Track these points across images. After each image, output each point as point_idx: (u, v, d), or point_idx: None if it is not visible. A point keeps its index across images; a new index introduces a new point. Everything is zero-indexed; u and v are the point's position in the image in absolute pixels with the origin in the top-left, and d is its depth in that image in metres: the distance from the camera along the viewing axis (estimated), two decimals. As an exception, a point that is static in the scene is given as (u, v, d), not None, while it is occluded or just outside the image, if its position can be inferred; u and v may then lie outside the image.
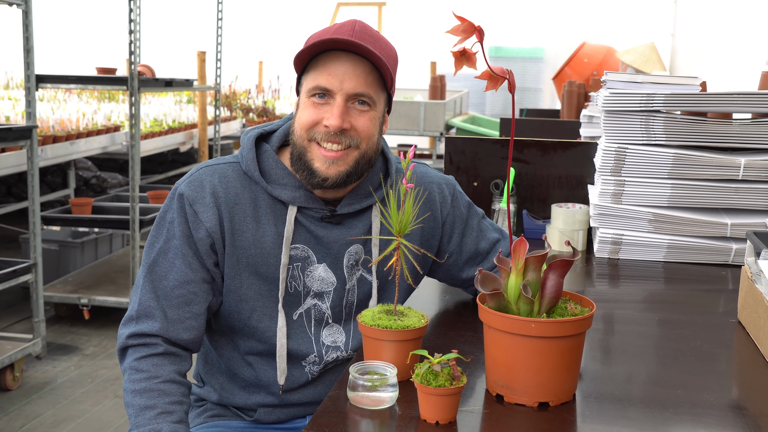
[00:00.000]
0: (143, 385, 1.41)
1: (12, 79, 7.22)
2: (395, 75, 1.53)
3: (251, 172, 1.52)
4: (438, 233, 1.66)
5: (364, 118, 1.48)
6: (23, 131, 3.53)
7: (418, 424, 1.17)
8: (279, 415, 1.61)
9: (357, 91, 1.46)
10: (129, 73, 4.12)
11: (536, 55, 8.22)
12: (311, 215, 1.54)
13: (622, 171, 2.20)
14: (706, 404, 1.26)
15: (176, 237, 1.49)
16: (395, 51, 1.54)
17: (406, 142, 7.75)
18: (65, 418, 3.23)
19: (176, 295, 1.47)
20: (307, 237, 1.54)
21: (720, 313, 1.77)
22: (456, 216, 1.68)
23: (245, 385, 1.60)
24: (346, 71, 1.45)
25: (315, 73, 1.47)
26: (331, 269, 1.56)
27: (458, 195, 1.70)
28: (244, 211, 1.51)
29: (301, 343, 1.56)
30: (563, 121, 4.17)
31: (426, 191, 1.64)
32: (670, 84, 2.20)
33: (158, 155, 6.69)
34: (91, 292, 4.33)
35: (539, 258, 1.23)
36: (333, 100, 1.46)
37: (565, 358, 1.22)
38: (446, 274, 1.73)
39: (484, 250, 1.70)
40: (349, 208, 1.55)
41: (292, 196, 1.52)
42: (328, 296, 1.56)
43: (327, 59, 1.46)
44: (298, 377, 1.57)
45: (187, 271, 1.48)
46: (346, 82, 1.45)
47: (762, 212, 2.19)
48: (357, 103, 1.47)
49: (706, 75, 5.10)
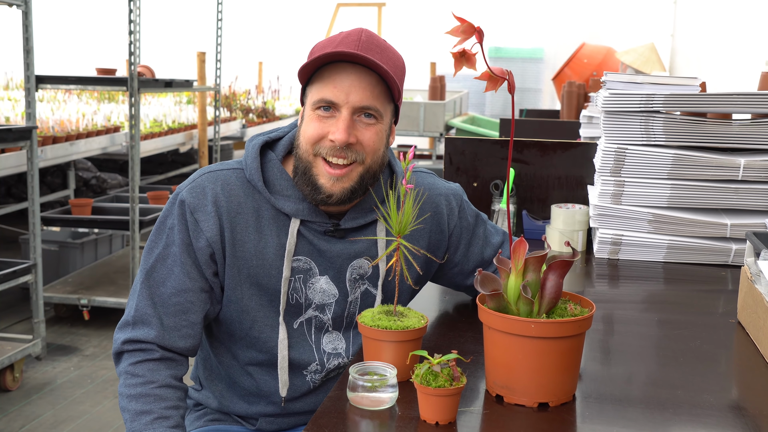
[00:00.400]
0: (139, 390, 1.40)
1: (12, 79, 7.21)
2: (402, 86, 1.49)
3: (255, 181, 1.49)
4: (444, 245, 1.64)
5: (370, 131, 1.44)
6: (23, 132, 3.53)
7: (417, 424, 1.17)
8: (281, 425, 1.60)
9: (363, 104, 1.42)
10: (129, 73, 4.12)
11: (536, 55, 8.22)
12: (314, 228, 1.51)
13: (622, 171, 2.20)
14: (706, 405, 1.26)
15: (175, 244, 1.46)
16: (402, 60, 1.50)
17: (405, 142, 7.75)
18: (65, 418, 3.23)
19: (173, 303, 1.45)
20: (309, 249, 1.51)
21: (720, 313, 1.77)
22: (463, 228, 1.66)
23: (245, 394, 1.59)
24: (352, 83, 1.41)
25: (320, 85, 1.43)
26: (333, 282, 1.53)
27: (465, 206, 1.67)
28: (246, 221, 1.48)
29: (303, 352, 1.54)
30: (563, 121, 4.18)
31: (434, 205, 1.61)
32: (669, 84, 2.20)
33: (158, 156, 6.69)
34: (90, 293, 4.33)
35: (539, 258, 1.23)
36: (339, 113, 1.42)
37: (565, 358, 1.22)
38: (451, 282, 1.73)
39: (489, 258, 1.69)
40: (353, 223, 1.52)
41: (295, 208, 1.49)
42: (330, 308, 1.55)
43: (332, 71, 1.42)
44: (299, 386, 1.56)
45: (185, 279, 1.46)
46: (352, 95, 1.41)
47: (761, 213, 2.19)
48: (363, 116, 1.44)
49: (706, 75, 5.10)
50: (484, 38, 1.16)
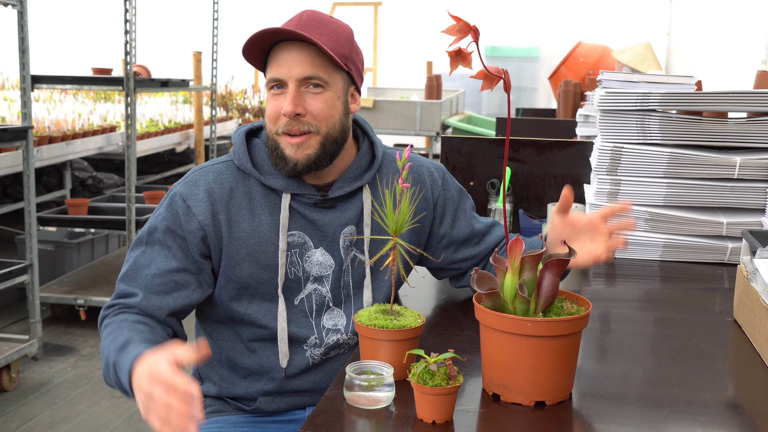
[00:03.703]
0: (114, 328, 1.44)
1: (7, 79, 7.20)
2: (351, 52, 1.56)
3: (244, 164, 1.58)
4: (429, 215, 1.70)
5: (318, 100, 1.52)
6: (19, 132, 3.52)
7: (414, 423, 1.17)
8: (279, 404, 1.63)
9: (305, 74, 1.51)
10: (125, 73, 4.11)
11: (532, 54, 8.22)
12: (304, 201, 1.59)
13: (618, 170, 2.21)
14: (702, 403, 1.26)
15: (159, 230, 1.54)
16: (349, 30, 1.58)
17: (402, 141, 7.75)
18: (62, 418, 3.23)
19: (156, 283, 1.52)
20: (302, 223, 1.59)
21: (716, 311, 1.77)
22: (447, 198, 1.72)
23: (246, 374, 1.63)
24: (293, 59, 1.51)
25: (269, 66, 1.54)
26: (328, 252, 1.61)
27: (449, 179, 1.76)
28: (239, 204, 1.56)
29: (302, 327, 1.60)
30: (559, 120, 4.18)
31: (416, 174, 1.69)
32: (665, 83, 2.21)
33: (154, 155, 6.68)
34: (87, 293, 4.32)
35: (535, 257, 1.23)
36: (287, 88, 1.52)
37: (562, 357, 1.22)
38: (442, 258, 1.74)
39: (480, 231, 1.74)
40: (340, 192, 1.60)
41: (284, 183, 1.57)
42: (327, 279, 1.61)
43: (276, 52, 1.53)
44: (299, 361, 1.60)
45: (170, 261, 1.52)
46: (294, 69, 1.51)
47: (757, 211, 2.19)
48: (311, 86, 1.52)
49: (702, 74, 5.10)
50: (480, 37, 1.16)
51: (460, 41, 1.16)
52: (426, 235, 1.71)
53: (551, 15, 8.37)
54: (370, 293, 1.62)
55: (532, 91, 8.23)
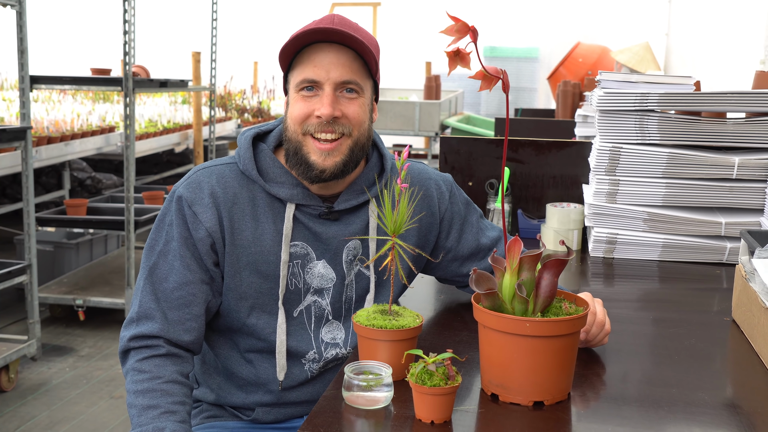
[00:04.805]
0: (146, 385, 1.41)
1: (6, 80, 7.19)
2: (379, 62, 1.55)
3: (249, 171, 1.53)
4: (435, 229, 1.67)
5: (353, 105, 1.49)
6: (17, 132, 3.52)
7: (413, 423, 1.17)
8: (276, 415, 1.61)
9: (344, 78, 1.48)
10: (123, 73, 4.11)
11: (531, 54, 8.22)
12: (309, 212, 1.55)
13: (617, 170, 2.21)
14: (701, 403, 1.27)
15: (175, 239, 1.50)
16: (376, 40, 1.57)
17: (401, 142, 7.75)
18: (60, 419, 3.22)
19: (176, 297, 1.48)
20: (305, 234, 1.55)
21: (714, 311, 1.77)
22: (454, 212, 1.69)
23: (243, 384, 1.60)
24: (331, 61, 1.47)
25: (301, 67, 1.49)
26: (330, 265, 1.57)
27: (456, 192, 1.71)
28: (242, 210, 1.52)
29: (301, 341, 1.56)
30: (558, 120, 4.18)
31: (423, 188, 1.65)
32: (664, 83, 2.21)
33: (153, 156, 6.68)
34: (86, 293, 4.32)
35: (534, 257, 1.23)
36: (322, 90, 1.48)
37: (560, 357, 1.22)
38: (447, 271, 1.72)
39: (485, 246, 1.71)
40: (346, 204, 1.56)
41: (289, 193, 1.53)
42: (328, 292, 1.57)
43: (311, 52, 1.48)
44: (297, 375, 1.57)
45: (186, 272, 1.49)
46: (332, 71, 1.47)
47: (756, 211, 2.19)
48: (345, 91, 1.49)
49: (701, 74, 5.11)
50: (479, 37, 1.16)
51: (458, 41, 1.16)
52: (431, 248, 1.68)
53: (550, 15, 8.38)
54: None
55: (531, 91, 8.23)
